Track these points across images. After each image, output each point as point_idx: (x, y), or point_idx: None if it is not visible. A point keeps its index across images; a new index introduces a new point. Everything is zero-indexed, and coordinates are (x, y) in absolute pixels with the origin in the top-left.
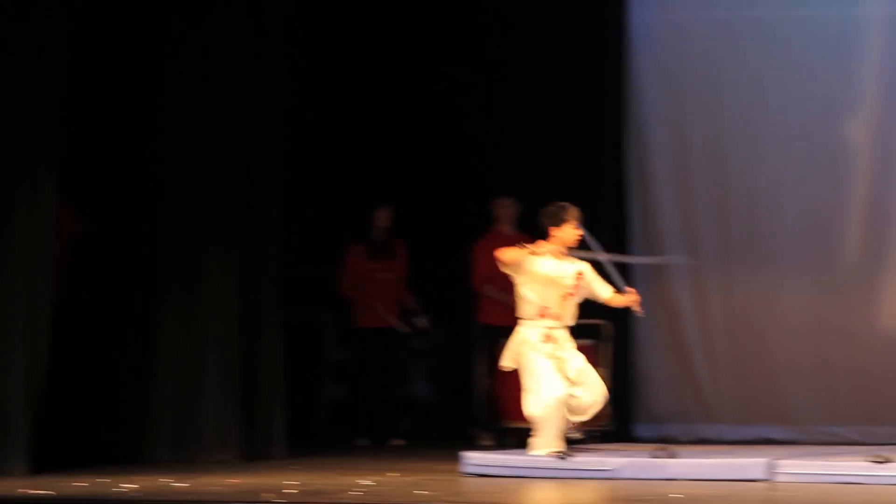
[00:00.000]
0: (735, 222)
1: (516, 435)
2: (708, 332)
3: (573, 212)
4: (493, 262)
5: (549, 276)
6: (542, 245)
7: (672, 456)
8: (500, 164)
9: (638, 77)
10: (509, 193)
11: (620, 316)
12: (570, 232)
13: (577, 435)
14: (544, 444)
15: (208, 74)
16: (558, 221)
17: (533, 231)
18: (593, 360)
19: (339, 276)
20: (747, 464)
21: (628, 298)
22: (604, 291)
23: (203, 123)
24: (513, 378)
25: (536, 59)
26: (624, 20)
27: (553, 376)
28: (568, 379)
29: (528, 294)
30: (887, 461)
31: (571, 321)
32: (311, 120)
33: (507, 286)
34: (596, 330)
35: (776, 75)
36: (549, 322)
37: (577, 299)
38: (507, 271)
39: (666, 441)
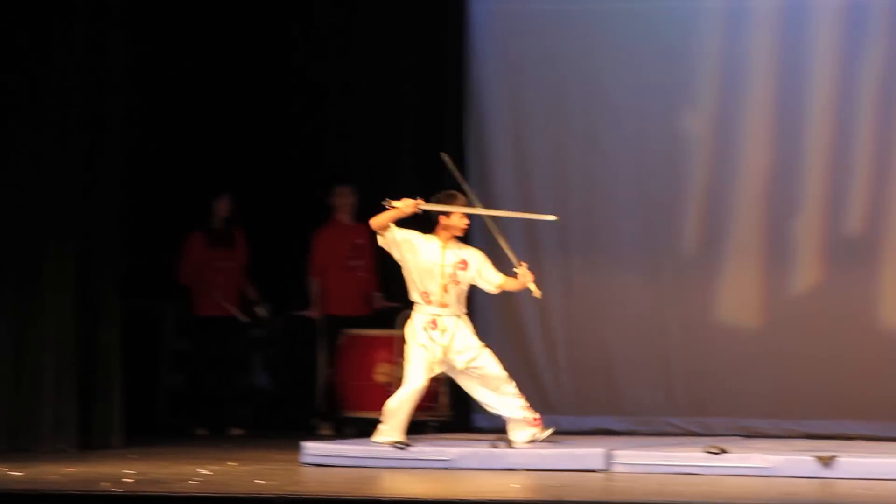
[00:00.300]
0: (574, 214)
1: (356, 425)
2: (546, 324)
3: (461, 200)
4: (330, 251)
5: (429, 263)
6: (405, 200)
7: (511, 446)
8: (338, 153)
9: (478, 68)
10: (348, 183)
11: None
12: (457, 220)
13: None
14: (387, 433)
15: (44, 67)
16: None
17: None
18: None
19: (179, 265)
20: (585, 454)
21: (522, 280)
22: (495, 278)
23: (39, 116)
24: (352, 368)
25: (374, 48)
26: (464, 9)
27: (418, 369)
28: (455, 370)
29: (411, 278)
30: (723, 452)
31: (461, 309)
32: (150, 110)
33: (345, 274)
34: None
35: (616, 67)
36: (434, 309)
37: (462, 287)
38: (384, 244)
39: (505, 431)
